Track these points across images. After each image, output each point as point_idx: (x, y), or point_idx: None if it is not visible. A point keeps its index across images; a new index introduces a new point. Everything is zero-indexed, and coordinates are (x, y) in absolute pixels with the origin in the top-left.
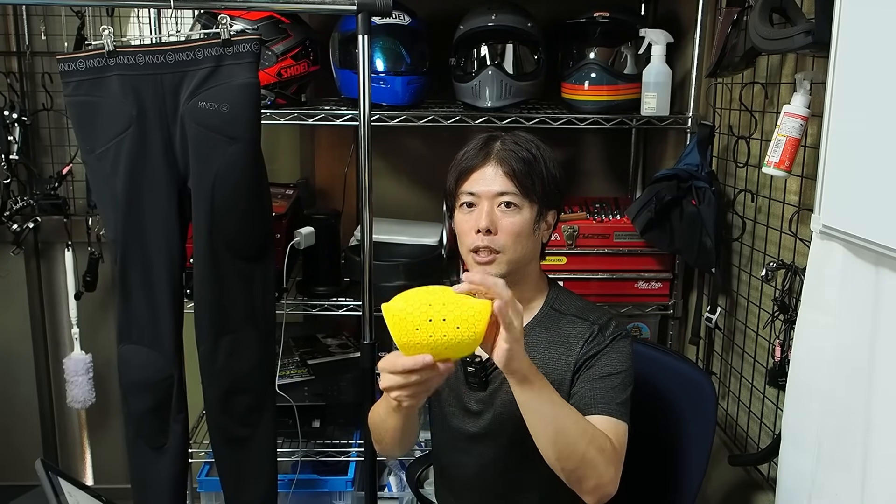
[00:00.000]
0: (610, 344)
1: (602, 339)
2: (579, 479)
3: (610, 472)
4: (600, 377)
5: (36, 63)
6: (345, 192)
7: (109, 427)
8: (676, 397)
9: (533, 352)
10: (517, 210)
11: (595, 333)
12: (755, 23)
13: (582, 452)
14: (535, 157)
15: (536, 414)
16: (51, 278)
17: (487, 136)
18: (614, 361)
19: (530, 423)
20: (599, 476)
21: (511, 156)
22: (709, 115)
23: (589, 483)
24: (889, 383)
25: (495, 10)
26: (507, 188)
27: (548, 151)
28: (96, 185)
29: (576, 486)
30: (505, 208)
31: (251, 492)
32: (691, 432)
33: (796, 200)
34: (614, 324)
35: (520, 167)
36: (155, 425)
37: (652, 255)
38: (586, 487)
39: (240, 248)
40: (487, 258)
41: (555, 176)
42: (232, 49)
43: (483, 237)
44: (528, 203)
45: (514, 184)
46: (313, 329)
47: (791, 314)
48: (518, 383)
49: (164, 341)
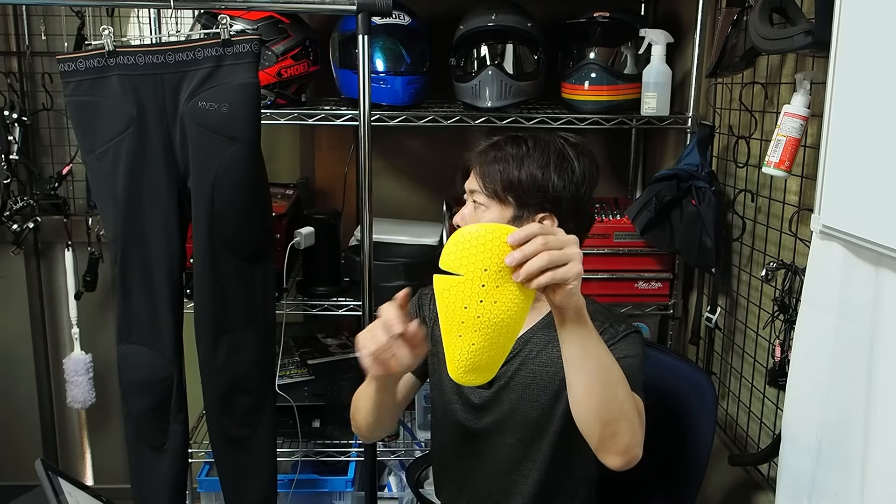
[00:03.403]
0: (624, 336)
1: (614, 333)
2: (613, 434)
3: (640, 434)
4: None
5: (36, 63)
6: (345, 192)
7: (109, 427)
8: (676, 397)
9: (542, 352)
10: (485, 208)
11: (605, 328)
12: (755, 23)
13: (621, 402)
14: (512, 157)
15: (584, 353)
16: (51, 278)
17: (503, 136)
18: (628, 348)
19: (576, 364)
20: (633, 434)
21: (484, 155)
22: (709, 115)
23: (621, 441)
24: (889, 383)
25: (495, 10)
26: (473, 186)
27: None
28: (96, 186)
29: (607, 443)
30: (477, 205)
31: (251, 492)
32: (691, 432)
33: (796, 200)
34: (626, 324)
35: (486, 167)
36: (155, 425)
37: (652, 255)
38: (618, 446)
39: (240, 248)
40: None
41: (538, 178)
42: (232, 49)
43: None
44: (497, 203)
45: (478, 182)
46: (313, 329)
47: (791, 314)
48: (572, 318)
49: (164, 341)
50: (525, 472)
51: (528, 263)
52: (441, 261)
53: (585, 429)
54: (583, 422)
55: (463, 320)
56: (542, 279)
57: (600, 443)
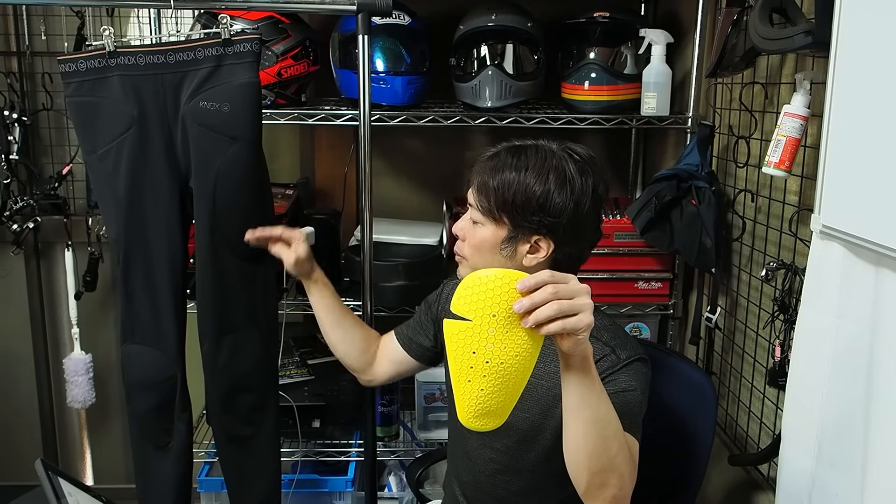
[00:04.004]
0: (626, 365)
1: (616, 360)
2: (601, 484)
3: (629, 485)
4: (615, 392)
5: (36, 63)
6: (345, 192)
7: (109, 427)
8: (676, 397)
9: (539, 365)
10: (480, 225)
11: (607, 353)
12: (755, 23)
13: (614, 454)
14: (509, 176)
15: (583, 403)
16: (51, 278)
17: (506, 146)
18: (629, 379)
19: (573, 411)
20: (622, 486)
21: (485, 170)
22: (709, 115)
23: (609, 492)
24: (889, 383)
25: (495, 10)
26: (472, 201)
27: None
28: (98, 186)
29: (594, 492)
30: (473, 221)
31: (255, 491)
32: (691, 432)
33: (796, 200)
34: (630, 347)
35: (484, 184)
36: (159, 424)
37: (652, 255)
38: (605, 496)
39: (241, 248)
40: (459, 260)
41: (533, 200)
42: (232, 49)
43: (459, 243)
44: (492, 221)
45: (475, 198)
46: (313, 329)
47: (791, 314)
48: (577, 365)
49: (166, 341)
50: (512, 478)
51: (536, 311)
52: (451, 305)
53: (574, 474)
54: (572, 467)
55: (472, 365)
56: (552, 327)
57: (587, 490)
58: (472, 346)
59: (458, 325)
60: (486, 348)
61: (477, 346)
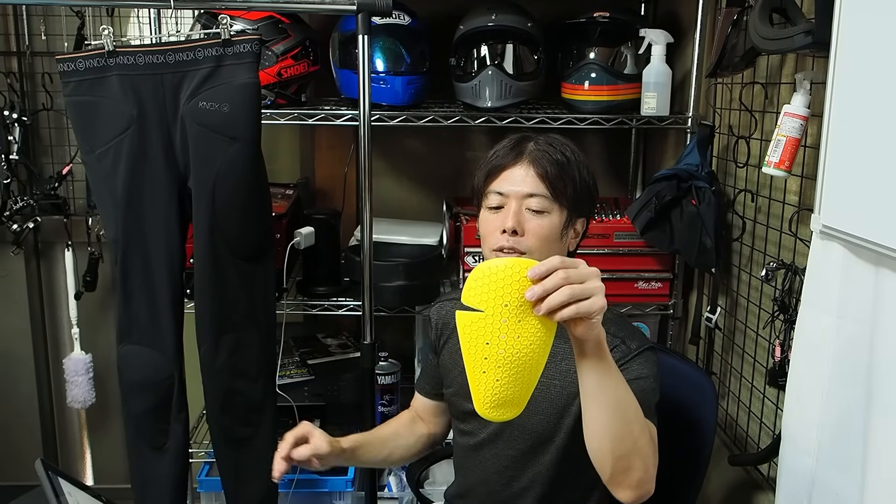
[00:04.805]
0: (638, 354)
1: (627, 350)
2: (626, 468)
3: (653, 468)
4: (629, 380)
5: (36, 63)
6: (345, 192)
7: (109, 427)
8: (676, 397)
9: (552, 364)
10: (546, 214)
11: (617, 344)
12: (755, 23)
13: (636, 437)
14: (569, 161)
15: (601, 386)
16: (51, 278)
17: (521, 135)
18: (641, 367)
19: (592, 397)
20: (646, 469)
21: (544, 157)
22: (709, 115)
23: (634, 475)
24: (889, 383)
25: (495, 10)
26: (537, 190)
27: (581, 156)
28: (96, 186)
29: (619, 477)
30: (533, 211)
31: (252, 491)
32: (691, 432)
33: (796, 200)
34: (639, 338)
35: (552, 169)
36: (156, 425)
37: (652, 255)
38: (631, 480)
39: (240, 248)
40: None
41: (587, 182)
42: (232, 49)
43: (509, 238)
44: (558, 207)
45: (545, 186)
46: (313, 329)
47: (791, 314)
48: (591, 350)
49: (164, 341)
50: (527, 485)
51: (549, 298)
52: (462, 297)
53: (598, 462)
54: (596, 455)
55: (486, 356)
56: (565, 312)
57: (612, 476)
58: (485, 337)
59: (471, 317)
60: (500, 338)
61: (490, 336)
